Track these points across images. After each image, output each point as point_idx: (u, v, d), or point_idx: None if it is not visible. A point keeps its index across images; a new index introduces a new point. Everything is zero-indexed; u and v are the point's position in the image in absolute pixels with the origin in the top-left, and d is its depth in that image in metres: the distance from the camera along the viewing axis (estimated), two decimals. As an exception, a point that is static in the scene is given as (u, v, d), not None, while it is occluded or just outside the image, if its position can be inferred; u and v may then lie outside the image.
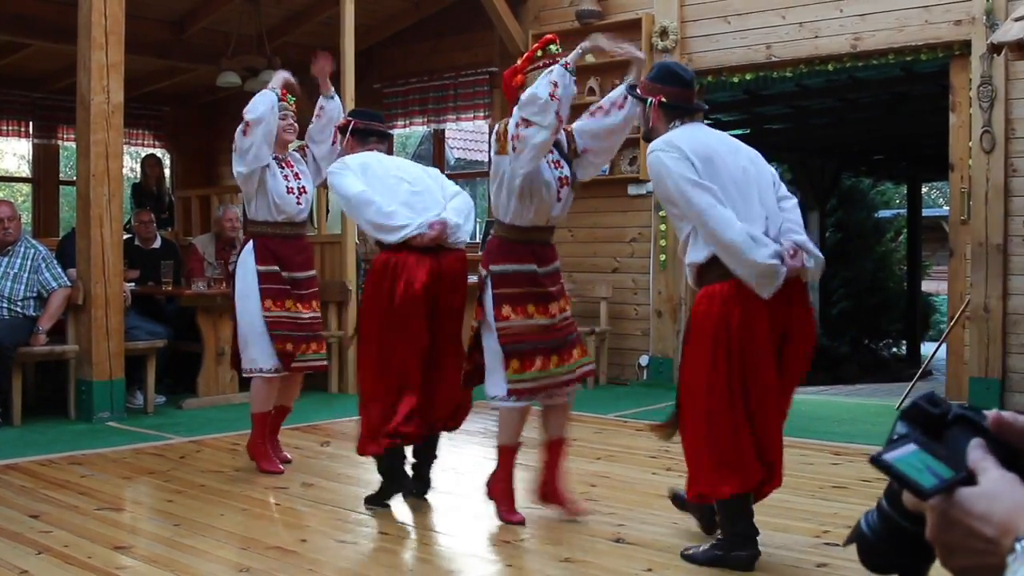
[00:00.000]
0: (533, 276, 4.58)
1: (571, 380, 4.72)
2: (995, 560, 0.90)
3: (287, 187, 5.75)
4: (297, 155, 6.00)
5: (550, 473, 4.80)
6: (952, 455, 0.96)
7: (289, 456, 6.02)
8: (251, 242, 5.77)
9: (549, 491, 4.78)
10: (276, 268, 5.71)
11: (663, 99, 4.20)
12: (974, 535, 0.92)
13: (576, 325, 4.88)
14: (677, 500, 4.55)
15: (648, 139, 4.25)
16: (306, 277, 5.88)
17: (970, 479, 0.94)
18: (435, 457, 5.20)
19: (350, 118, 5.47)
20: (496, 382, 4.61)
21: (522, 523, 4.59)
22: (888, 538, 1.02)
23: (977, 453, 0.96)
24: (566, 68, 4.38)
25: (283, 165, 5.81)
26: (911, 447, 0.96)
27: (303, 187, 5.85)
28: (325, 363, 6.25)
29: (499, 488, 4.74)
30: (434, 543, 4.44)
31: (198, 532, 4.41)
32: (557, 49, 4.55)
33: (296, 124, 5.99)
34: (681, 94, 4.25)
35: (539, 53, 4.58)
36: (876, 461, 0.96)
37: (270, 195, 5.69)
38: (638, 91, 4.35)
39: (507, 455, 4.75)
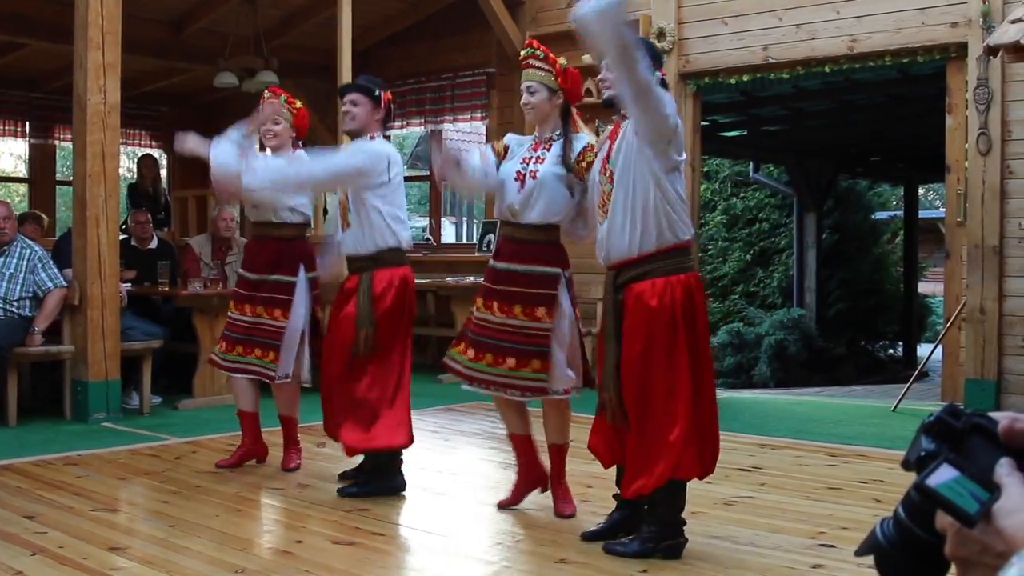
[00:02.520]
0: (490, 270, 4.71)
1: (497, 384, 4.64)
2: None
3: None
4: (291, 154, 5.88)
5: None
6: (979, 470, 0.96)
7: (296, 464, 5.78)
8: None
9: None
10: (241, 271, 5.82)
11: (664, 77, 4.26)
12: (987, 551, 0.93)
13: (538, 340, 4.57)
14: None
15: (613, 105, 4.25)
16: (267, 280, 5.64)
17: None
18: None
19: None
20: None
21: (573, 514, 4.74)
22: (904, 548, 1.02)
23: (1004, 470, 0.97)
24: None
25: None
26: (951, 471, 0.96)
27: None
28: (268, 373, 5.67)
29: (520, 485, 4.97)
30: (429, 544, 4.43)
31: (193, 533, 4.40)
32: (528, 51, 4.72)
33: (277, 129, 5.66)
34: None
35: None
36: (921, 488, 0.96)
37: None
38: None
39: (513, 444, 4.98)
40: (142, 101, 12.77)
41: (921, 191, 20.84)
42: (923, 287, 18.36)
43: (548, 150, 4.67)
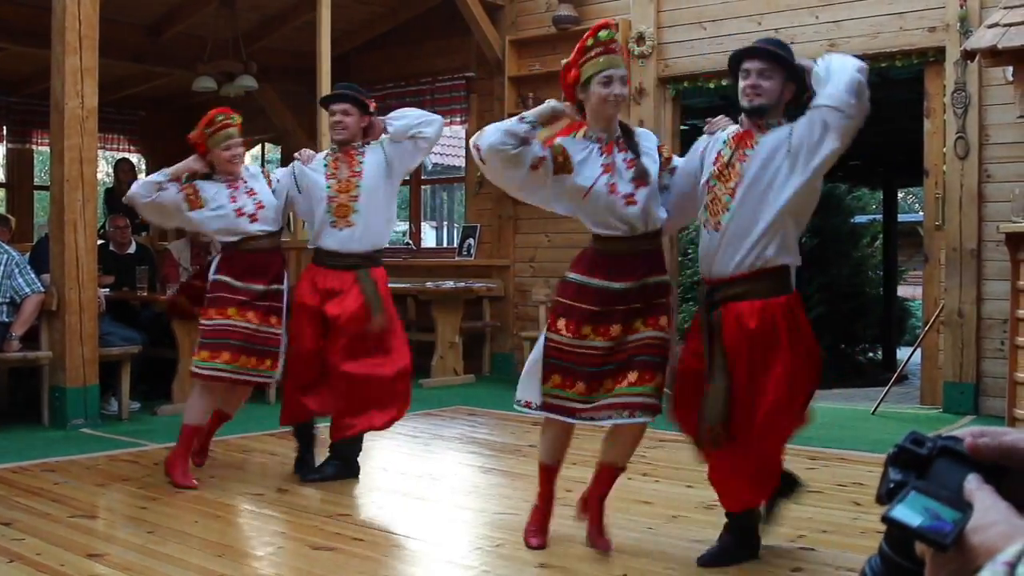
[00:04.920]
0: (600, 292, 4.17)
1: (614, 407, 4.21)
2: None
3: (237, 207, 5.67)
4: (253, 170, 5.97)
5: None
6: (948, 491, 0.96)
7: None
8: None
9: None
10: (232, 279, 5.70)
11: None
12: (964, 569, 0.93)
13: (660, 350, 4.20)
14: None
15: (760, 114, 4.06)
16: (268, 290, 5.74)
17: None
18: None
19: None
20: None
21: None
22: None
23: (972, 485, 0.97)
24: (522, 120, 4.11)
25: (231, 186, 5.71)
26: (918, 498, 0.95)
27: (259, 203, 5.73)
28: (266, 380, 5.99)
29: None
30: (409, 549, 4.42)
31: (172, 539, 4.38)
32: (608, 35, 4.18)
33: (242, 151, 5.82)
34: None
35: (590, 42, 4.16)
36: (888, 520, 0.96)
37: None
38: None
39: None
40: (120, 105, 12.72)
41: (900, 195, 20.94)
42: (902, 291, 18.43)
43: (626, 151, 4.21)
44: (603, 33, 4.17)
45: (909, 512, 0.95)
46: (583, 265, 4.23)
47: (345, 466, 5.66)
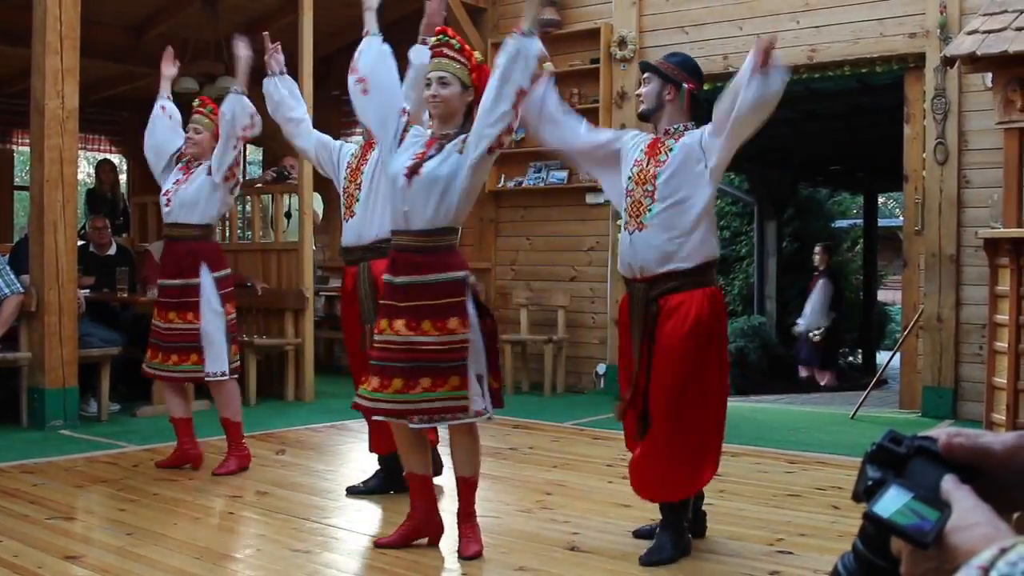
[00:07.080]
0: (387, 286, 4.29)
1: (407, 412, 4.21)
2: None
3: (164, 188, 6.00)
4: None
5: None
6: (926, 491, 0.97)
7: (229, 469, 5.89)
8: None
9: None
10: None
11: (695, 91, 4.36)
12: (942, 567, 0.93)
13: (453, 354, 4.15)
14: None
15: (647, 118, 4.43)
16: (174, 285, 5.87)
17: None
18: None
19: None
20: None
21: (478, 554, 4.25)
22: None
23: (949, 485, 0.98)
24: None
25: (183, 170, 6.04)
26: (899, 496, 0.96)
27: (176, 189, 5.95)
28: (197, 375, 5.89)
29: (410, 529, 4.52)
30: (388, 553, 4.42)
31: (151, 541, 4.37)
32: (441, 39, 4.36)
33: (196, 138, 6.05)
34: (701, 91, 4.39)
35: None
36: (870, 518, 0.97)
37: None
38: (665, 72, 4.41)
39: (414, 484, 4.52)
40: (102, 106, 12.66)
41: (881, 199, 21.03)
42: (882, 295, 18.52)
43: (441, 149, 4.21)
44: (434, 38, 4.40)
45: (889, 509, 0.95)
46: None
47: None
